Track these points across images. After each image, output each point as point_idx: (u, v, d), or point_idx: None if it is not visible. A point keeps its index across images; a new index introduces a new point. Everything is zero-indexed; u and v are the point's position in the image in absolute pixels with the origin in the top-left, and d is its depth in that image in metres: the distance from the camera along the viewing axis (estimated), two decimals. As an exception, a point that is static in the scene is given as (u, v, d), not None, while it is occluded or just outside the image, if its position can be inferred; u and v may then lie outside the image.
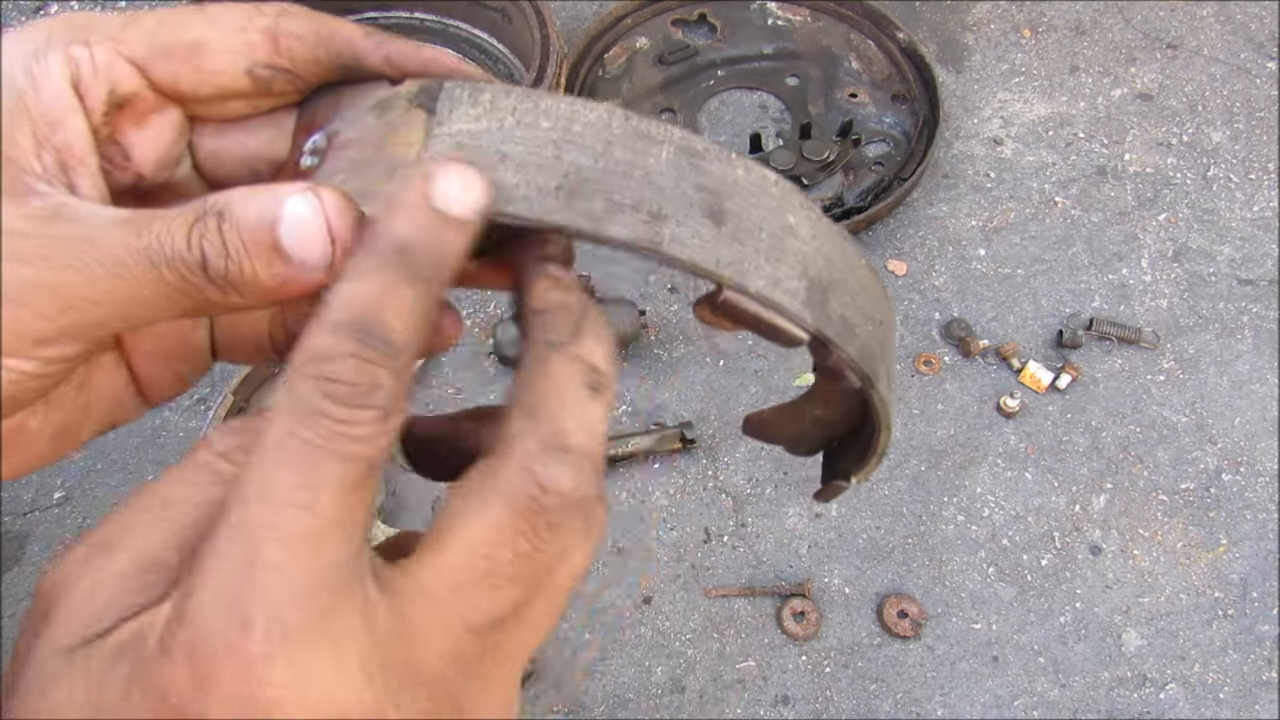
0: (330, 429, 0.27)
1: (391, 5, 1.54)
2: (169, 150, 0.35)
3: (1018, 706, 1.07)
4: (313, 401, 0.27)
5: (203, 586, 0.27)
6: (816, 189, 1.33)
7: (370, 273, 0.29)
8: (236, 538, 0.27)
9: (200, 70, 0.33)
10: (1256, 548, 1.17)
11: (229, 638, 0.26)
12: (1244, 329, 1.33)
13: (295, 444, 0.27)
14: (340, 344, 0.28)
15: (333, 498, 0.27)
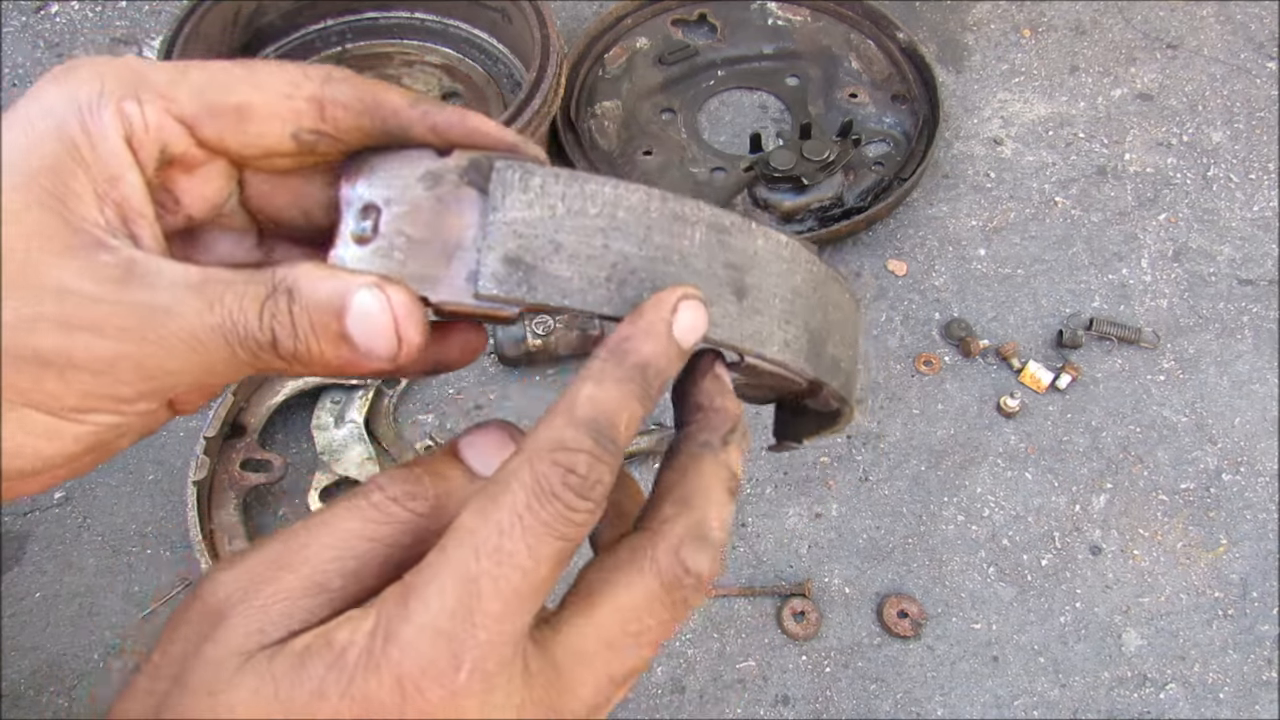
0: (560, 512, 0.32)
1: (391, 5, 1.54)
2: (217, 195, 0.37)
3: (1018, 706, 1.07)
4: (553, 485, 0.32)
5: (420, 616, 0.31)
6: (816, 189, 1.33)
7: (612, 381, 0.33)
8: (461, 583, 0.31)
9: (246, 134, 0.35)
10: (1256, 548, 1.17)
11: (440, 668, 0.31)
12: (1244, 329, 1.33)
13: (530, 519, 0.32)
14: (581, 440, 0.32)
15: (548, 569, 0.32)
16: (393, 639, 0.31)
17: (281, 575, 0.33)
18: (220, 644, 0.32)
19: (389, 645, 0.31)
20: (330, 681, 0.31)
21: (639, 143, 1.47)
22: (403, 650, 0.31)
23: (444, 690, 0.30)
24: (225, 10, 1.41)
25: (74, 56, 1.57)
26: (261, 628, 0.32)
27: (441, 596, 0.31)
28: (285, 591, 0.33)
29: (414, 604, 0.31)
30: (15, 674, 1.04)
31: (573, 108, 1.49)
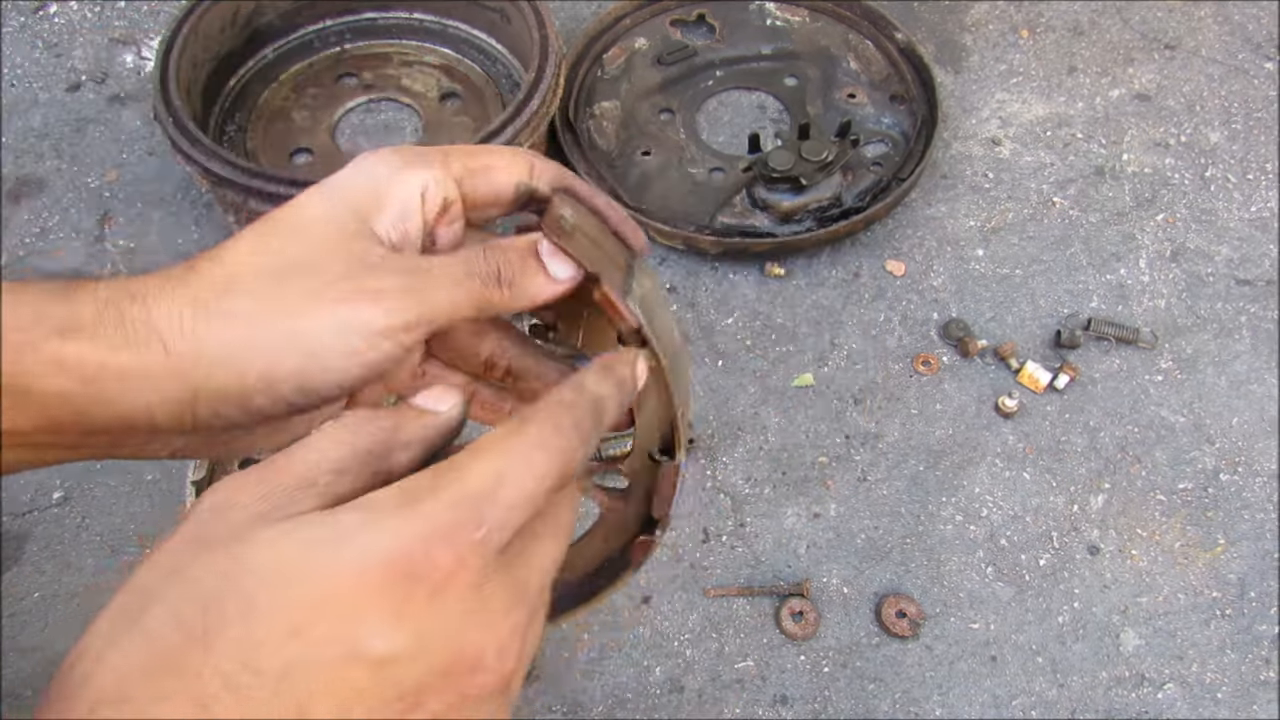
0: (569, 445, 0.40)
1: (391, 5, 1.54)
2: (456, 242, 0.51)
3: (1016, 706, 1.07)
4: (567, 425, 0.41)
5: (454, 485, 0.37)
6: (815, 189, 1.33)
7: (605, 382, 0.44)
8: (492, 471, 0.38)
9: (490, 184, 0.50)
10: (1254, 548, 1.17)
11: (465, 523, 0.36)
12: (1242, 329, 1.33)
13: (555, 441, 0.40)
14: (588, 405, 0.42)
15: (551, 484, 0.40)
16: (425, 498, 0.37)
17: (274, 474, 0.38)
18: (233, 524, 0.36)
19: (422, 500, 0.36)
20: (364, 524, 0.36)
21: (638, 143, 1.47)
22: (436, 504, 0.36)
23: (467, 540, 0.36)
24: (224, 10, 1.41)
25: (73, 56, 1.57)
26: (264, 511, 0.37)
27: (475, 477, 0.37)
28: (279, 487, 0.38)
29: (449, 475, 0.37)
30: (14, 674, 1.04)
31: (571, 108, 1.49)
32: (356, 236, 0.46)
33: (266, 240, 0.46)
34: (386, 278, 0.45)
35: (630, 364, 0.48)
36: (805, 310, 1.34)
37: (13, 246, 1.37)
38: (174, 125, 1.26)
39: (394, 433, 0.42)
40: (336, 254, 0.45)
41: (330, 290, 0.44)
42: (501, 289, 0.48)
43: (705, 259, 1.37)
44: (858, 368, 1.29)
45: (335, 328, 0.44)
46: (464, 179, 0.49)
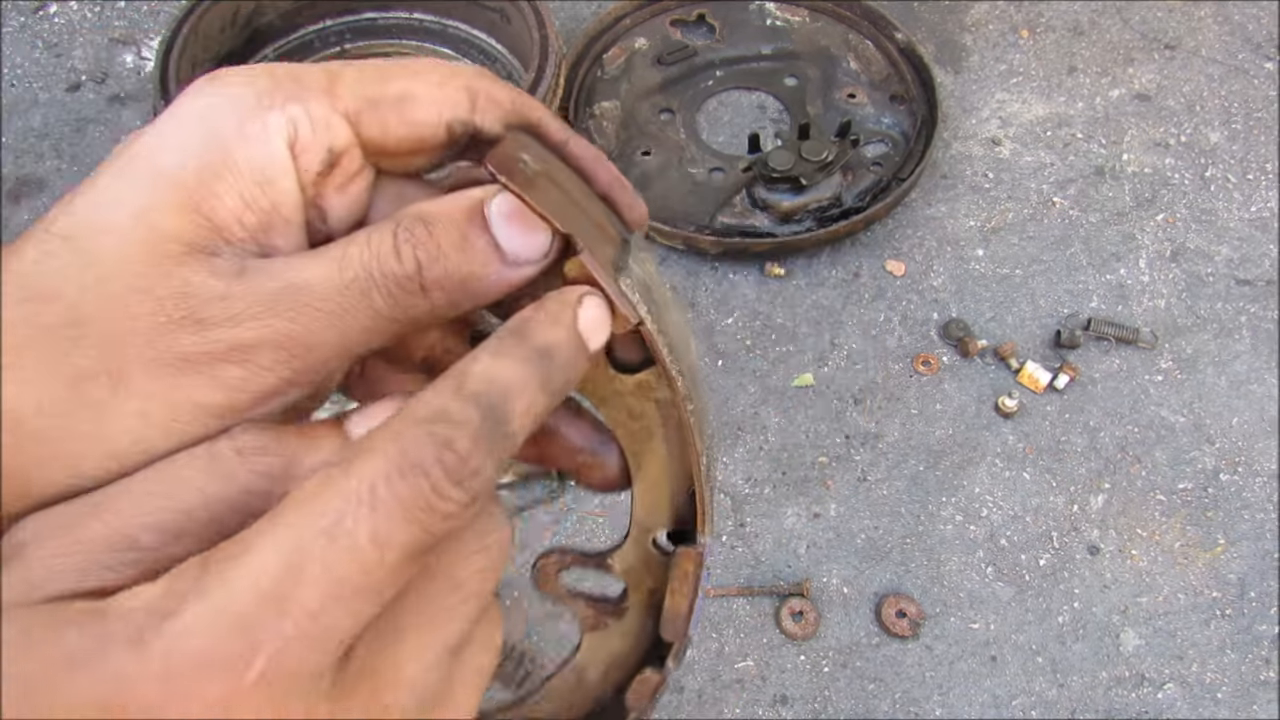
0: (424, 494, 0.26)
1: (391, 5, 1.54)
2: (359, 211, 0.35)
3: (1016, 706, 1.07)
4: (423, 459, 0.26)
5: (217, 592, 0.25)
6: (815, 189, 1.33)
7: (510, 358, 0.29)
8: (279, 559, 0.25)
9: (407, 122, 0.33)
10: (1254, 547, 1.17)
11: (225, 660, 0.25)
12: (1242, 329, 1.33)
13: (385, 494, 0.26)
14: (467, 414, 0.27)
15: (395, 561, 0.26)
16: (176, 615, 0.25)
17: (88, 522, 0.28)
18: (15, 567, 0.27)
19: (169, 621, 0.25)
20: (82, 654, 0.25)
21: (638, 143, 1.47)
22: (183, 631, 0.25)
23: (222, 690, 0.25)
24: (224, 10, 1.41)
25: (73, 56, 1.57)
26: (40, 580, 0.27)
27: (251, 572, 0.25)
28: (85, 541, 0.28)
29: (213, 577, 0.25)
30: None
31: (571, 108, 1.49)
32: (179, 256, 0.30)
33: (42, 276, 0.30)
34: (223, 329, 0.30)
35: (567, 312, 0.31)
36: (805, 310, 1.34)
37: (13, 246, 1.37)
38: (174, 125, 1.26)
39: (279, 478, 0.30)
40: (145, 296, 0.30)
41: (136, 366, 0.29)
42: (426, 295, 0.31)
43: (705, 259, 1.37)
44: (858, 368, 1.29)
45: (147, 424, 0.30)
46: (362, 114, 0.33)
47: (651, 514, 0.38)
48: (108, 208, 0.30)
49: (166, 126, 0.31)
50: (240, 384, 0.30)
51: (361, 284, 0.30)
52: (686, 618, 0.37)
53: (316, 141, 0.32)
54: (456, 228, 0.31)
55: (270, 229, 0.32)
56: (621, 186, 0.37)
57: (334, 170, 0.33)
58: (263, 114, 0.31)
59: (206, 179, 0.30)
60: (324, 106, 0.32)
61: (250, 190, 0.31)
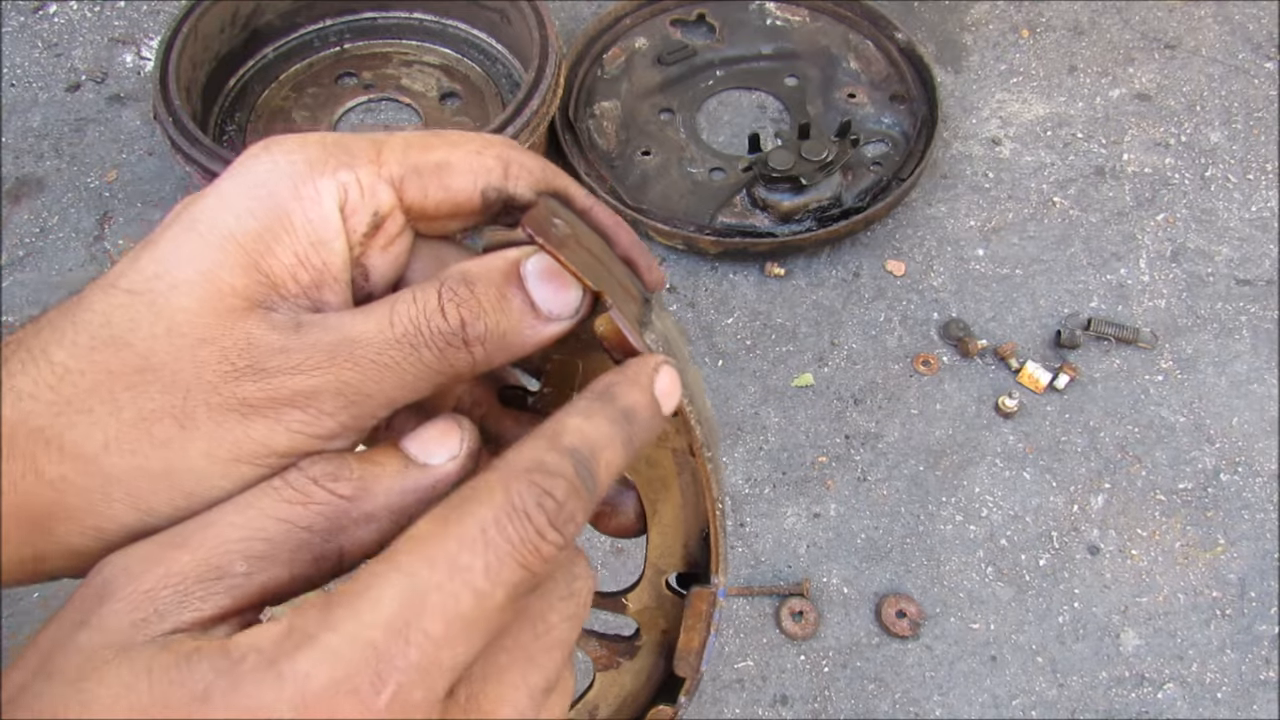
0: (529, 537, 0.29)
1: (391, 5, 1.54)
2: (399, 271, 0.37)
3: (1016, 706, 1.07)
4: (527, 505, 0.29)
5: (347, 624, 0.27)
6: (815, 189, 1.33)
7: (599, 418, 0.32)
8: (403, 593, 0.27)
9: (445, 188, 0.36)
10: (1254, 547, 1.17)
11: (358, 685, 0.26)
12: (1242, 329, 1.33)
13: (495, 536, 0.28)
14: (563, 467, 0.30)
15: (504, 598, 0.28)
16: (306, 646, 0.27)
17: (176, 555, 0.29)
18: (96, 631, 0.28)
19: (300, 653, 0.27)
20: (218, 688, 0.27)
21: (638, 143, 1.47)
22: (316, 660, 0.26)
23: (355, 715, 0.26)
24: (223, 10, 1.41)
25: (73, 56, 1.57)
26: (145, 616, 0.28)
27: (377, 606, 0.27)
28: (177, 574, 0.29)
29: (341, 611, 0.27)
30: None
31: (571, 108, 1.49)
32: (241, 311, 0.32)
33: (111, 328, 0.32)
34: (286, 378, 0.32)
35: (645, 377, 0.34)
36: (805, 310, 1.34)
37: (12, 246, 1.37)
38: (174, 125, 1.26)
39: (354, 500, 0.32)
40: (210, 346, 0.32)
41: (202, 410, 0.32)
42: (469, 350, 0.34)
43: (705, 259, 1.37)
44: (858, 368, 1.29)
45: (215, 464, 0.32)
46: (405, 181, 0.35)
47: (665, 556, 0.39)
48: (174, 265, 0.33)
49: (226, 188, 0.34)
50: (302, 427, 0.32)
51: (411, 339, 0.33)
52: (699, 653, 0.38)
53: (364, 205, 0.35)
54: (496, 286, 0.34)
55: (322, 286, 0.34)
56: (641, 250, 0.39)
57: (379, 232, 0.35)
58: (315, 179, 0.34)
59: (266, 239, 0.33)
60: (371, 173, 0.35)
61: (305, 250, 0.34)
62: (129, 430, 0.31)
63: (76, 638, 0.29)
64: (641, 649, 0.40)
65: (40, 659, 0.29)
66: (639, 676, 0.40)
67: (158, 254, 0.33)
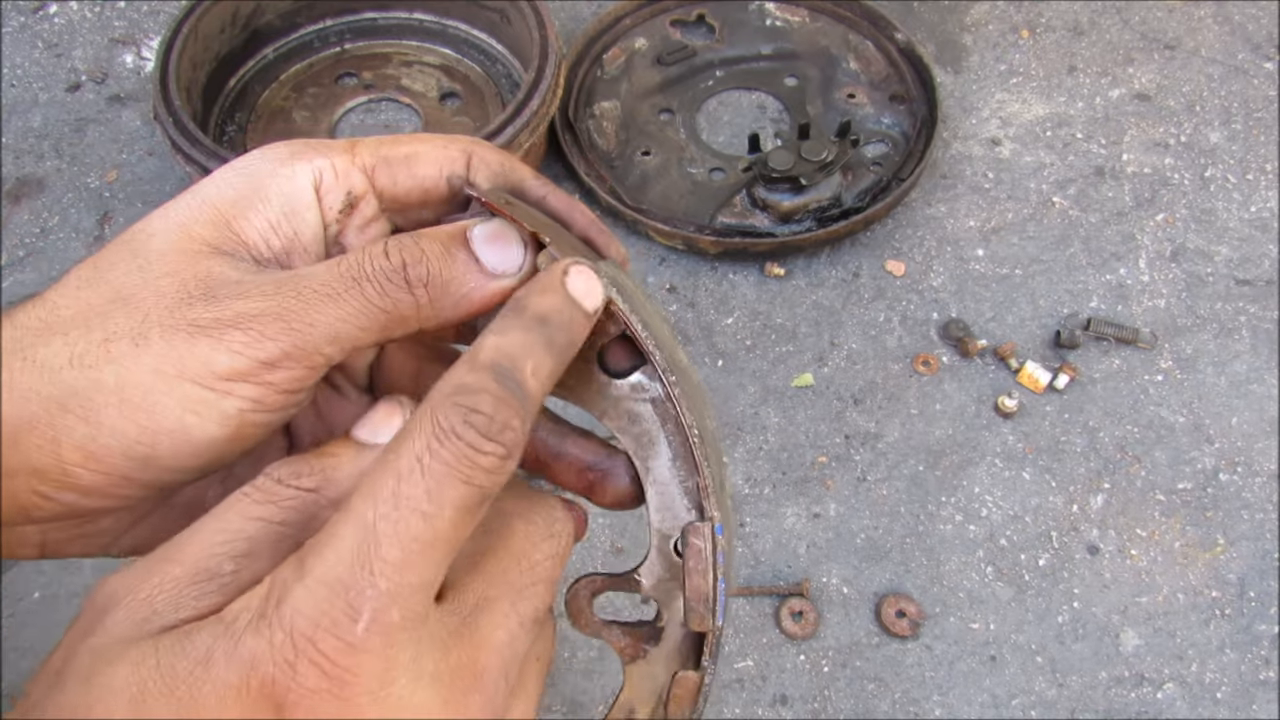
0: (463, 453, 0.30)
1: (391, 5, 1.54)
2: None
3: (1015, 706, 1.07)
4: (454, 424, 0.31)
5: (315, 570, 0.29)
6: (815, 189, 1.33)
7: (513, 330, 0.34)
8: (357, 531, 0.30)
9: (413, 176, 0.40)
10: (1254, 547, 1.17)
11: (335, 618, 0.29)
12: (1241, 329, 1.33)
13: (429, 460, 0.30)
14: (484, 381, 0.32)
15: (452, 514, 0.30)
16: (285, 598, 0.29)
17: (166, 568, 0.32)
18: (101, 636, 0.31)
19: (281, 604, 0.29)
20: (218, 648, 0.29)
21: (637, 143, 1.47)
22: (294, 605, 0.29)
23: (338, 643, 0.29)
24: (223, 10, 1.42)
25: (73, 56, 1.57)
26: (146, 617, 0.31)
27: (339, 547, 0.29)
28: (171, 581, 0.32)
29: (310, 562, 0.30)
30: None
31: (571, 108, 1.49)
32: (206, 253, 0.36)
33: (97, 270, 0.36)
34: (233, 302, 0.35)
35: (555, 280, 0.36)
36: (805, 310, 1.34)
37: (12, 246, 1.37)
38: (174, 125, 1.27)
39: (320, 490, 0.34)
40: (173, 278, 0.36)
41: (155, 330, 0.34)
42: (413, 291, 0.36)
43: (705, 259, 1.37)
44: (857, 368, 1.29)
45: (160, 379, 0.34)
46: (377, 169, 0.40)
47: (666, 517, 0.39)
48: (157, 219, 0.38)
49: (217, 173, 0.39)
50: (242, 348, 0.34)
51: (354, 273, 0.36)
52: (710, 600, 0.37)
53: (338, 185, 0.39)
54: (440, 241, 0.37)
55: (292, 254, 0.38)
56: (599, 229, 0.42)
57: (354, 211, 0.39)
58: (293, 162, 0.38)
59: (240, 205, 0.37)
60: (345, 160, 0.39)
61: (276, 218, 0.38)
62: (92, 349, 0.34)
63: (84, 644, 0.31)
64: (665, 630, 0.39)
65: (52, 674, 0.31)
66: (671, 662, 0.39)
67: (148, 217, 0.38)
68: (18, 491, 0.35)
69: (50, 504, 0.35)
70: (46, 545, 0.38)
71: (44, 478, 0.34)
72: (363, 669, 0.29)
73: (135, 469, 0.35)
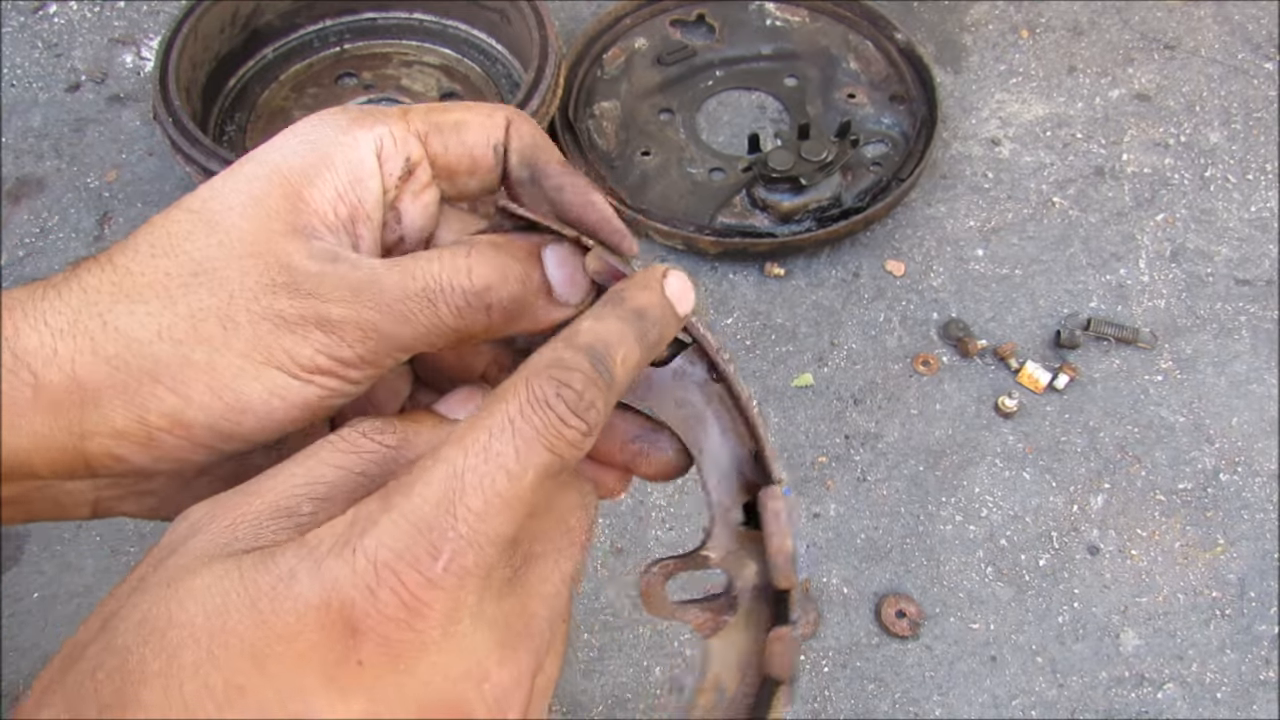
0: (551, 423, 0.33)
1: (391, 5, 1.54)
2: (428, 221, 0.42)
3: (1015, 706, 1.07)
4: (547, 396, 0.33)
5: (401, 506, 0.31)
6: (815, 189, 1.33)
7: (610, 319, 0.36)
8: (445, 477, 0.31)
9: (463, 143, 0.41)
10: (1254, 547, 1.17)
11: (416, 555, 0.30)
12: (1241, 329, 1.33)
13: (521, 424, 0.32)
14: (578, 361, 0.34)
15: (534, 477, 0.32)
16: (370, 528, 0.31)
17: (249, 500, 0.33)
18: (184, 554, 0.32)
19: (366, 534, 0.31)
20: (301, 568, 0.30)
21: (637, 143, 1.47)
22: (379, 537, 0.30)
23: (419, 577, 0.30)
24: (223, 10, 1.42)
25: (73, 56, 1.57)
26: (228, 541, 0.32)
27: (425, 490, 0.31)
28: (251, 514, 0.33)
29: (396, 498, 0.31)
30: (14, 674, 1.04)
31: (571, 108, 1.49)
32: (284, 233, 0.37)
33: (170, 239, 0.37)
34: (316, 302, 0.36)
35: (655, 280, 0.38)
36: (805, 310, 1.34)
37: (13, 246, 1.37)
38: (174, 125, 1.26)
39: (399, 449, 0.36)
40: (256, 260, 0.36)
41: (243, 314, 0.36)
42: (487, 312, 0.39)
43: (705, 259, 1.37)
44: (857, 368, 1.29)
45: (250, 364, 0.36)
46: (429, 136, 0.41)
47: (723, 490, 0.41)
48: (228, 191, 0.38)
49: (277, 140, 0.39)
50: (324, 348, 0.37)
51: (430, 294, 0.38)
52: (791, 557, 0.38)
53: (398, 152, 0.40)
54: (519, 261, 0.39)
55: (357, 220, 0.39)
56: (613, 228, 0.43)
57: (410, 178, 0.41)
58: (355, 130, 0.39)
59: (309, 174, 0.38)
60: (401, 128, 0.40)
61: (344, 185, 0.39)
62: (179, 323, 0.36)
63: (166, 563, 0.32)
64: (740, 599, 0.40)
65: (135, 580, 0.32)
66: (749, 630, 0.40)
67: (215, 184, 0.38)
68: (93, 451, 0.36)
69: (123, 465, 0.37)
70: (99, 503, 0.39)
71: (125, 439, 0.36)
72: (437, 604, 0.30)
73: (217, 439, 0.37)
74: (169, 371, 0.36)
